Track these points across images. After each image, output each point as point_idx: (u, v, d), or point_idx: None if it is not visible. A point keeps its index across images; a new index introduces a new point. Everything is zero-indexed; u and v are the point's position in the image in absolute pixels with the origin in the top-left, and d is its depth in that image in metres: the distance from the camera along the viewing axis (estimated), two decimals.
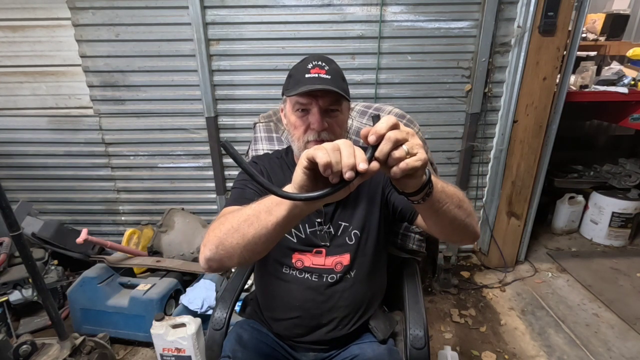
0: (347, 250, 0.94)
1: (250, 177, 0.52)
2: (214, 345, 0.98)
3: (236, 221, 0.65)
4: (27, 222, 1.97)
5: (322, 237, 0.94)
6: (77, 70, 2.08)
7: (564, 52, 1.99)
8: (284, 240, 0.95)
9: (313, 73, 0.83)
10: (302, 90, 0.81)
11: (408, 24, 2.00)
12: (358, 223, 0.94)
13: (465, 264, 2.52)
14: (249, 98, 2.13)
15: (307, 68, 0.84)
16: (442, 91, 2.13)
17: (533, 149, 2.16)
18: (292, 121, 0.88)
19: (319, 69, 0.84)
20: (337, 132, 0.87)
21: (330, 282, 0.93)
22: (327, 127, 0.84)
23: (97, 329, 1.67)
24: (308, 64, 0.85)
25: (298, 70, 0.86)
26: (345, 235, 0.95)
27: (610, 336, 1.85)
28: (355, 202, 0.95)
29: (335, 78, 0.84)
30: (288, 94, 0.86)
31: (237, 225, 0.65)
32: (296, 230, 0.95)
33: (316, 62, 0.85)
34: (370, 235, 0.95)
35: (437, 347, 1.73)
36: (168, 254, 2.06)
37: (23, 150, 2.25)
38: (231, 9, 1.97)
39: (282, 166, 1.00)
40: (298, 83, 0.83)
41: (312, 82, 0.81)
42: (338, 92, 0.82)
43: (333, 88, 0.81)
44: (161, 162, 2.28)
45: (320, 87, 0.80)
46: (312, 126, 0.85)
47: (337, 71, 0.87)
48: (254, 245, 0.64)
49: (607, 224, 2.64)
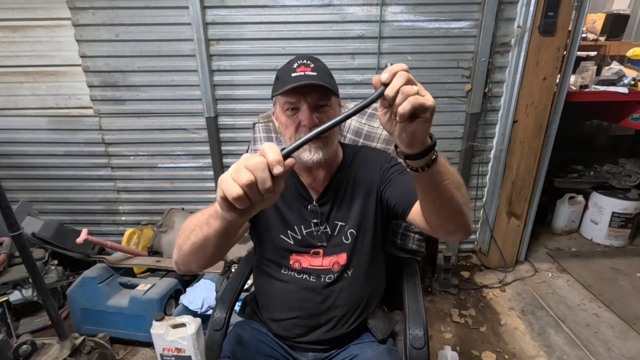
0: (343, 249, 0.94)
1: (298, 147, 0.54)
2: (213, 345, 0.98)
3: (188, 230, 0.70)
4: (27, 222, 1.97)
5: (319, 237, 0.94)
6: (77, 70, 2.08)
7: (564, 52, 1.99)
8: (280, 242, 0.95)
9: (299, 72, 0.83)
10: (289, 87, 0.80)
11: (408, 24, 2.00)
12: (354, 222, 0.94)
13: (465, 264, 2.52)
14: (249, 98, 2.14)
15: (292, 68, 0.84)
16: (442, 91, 2.13)
17: (533, 149, 2.16)
18: (282, 121, 0.88)
19: (305, 67, 0.84)
20: None
21: (328, 282, 0.93)
22: (317, 123, 0.84)
23: (97, 329, 1.67)
24: (294, 63, 0.85)
25: (284, 71, 0.86)
26: (342, 234, 0.95)
27: (610, 336, 1.85)
28: (351, 201, 0.95)
29: (322, 74, 0.84)
30: (276, 94, 0.86)
31: (188, 234, 0.69)
32: (292, 231, 0.94)
33: (301, 61, 0.85)
34: (367, 233, 0.95)
35: (437, 347, 1.73)
36: (168, 254, 2.06)
37: (23, 150, 2.25)
38: (231, 9, 1.97)
39: None
40: (285, 83, 0.83)
41: (299, 80, 0.81)
42: (325, 85, 0.82)
43: (320, 82, 0.81)
44: (161, 162, 2.28)
45: (307, 82, 0.80)
46: (303, 123, 0.84)
47: (323, 68, 0.87)
48: (204, 251, 0.69)
49: (607, 224, 2.63)
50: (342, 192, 0.96)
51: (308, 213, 0.94)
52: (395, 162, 0.97)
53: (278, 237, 0.95)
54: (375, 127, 1.20)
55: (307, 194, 0.95)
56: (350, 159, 0.99)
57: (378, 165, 0.97)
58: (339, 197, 0.95)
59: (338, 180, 0.96)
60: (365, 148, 1.05)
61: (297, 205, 0.95)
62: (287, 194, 0.95)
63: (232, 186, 0.47)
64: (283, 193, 0.92)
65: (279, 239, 0.95)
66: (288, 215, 0.95)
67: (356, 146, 1.07)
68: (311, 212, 0.94)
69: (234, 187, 0.46)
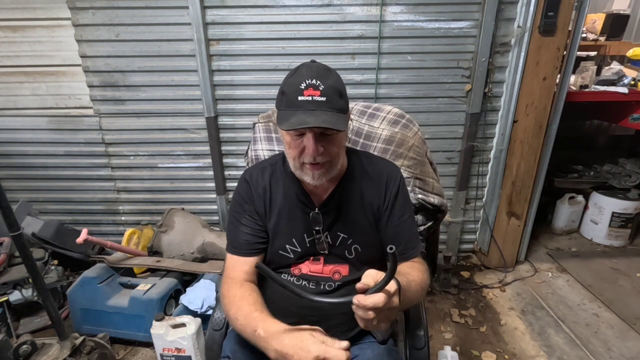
0: (346, 262, 0.94)
1: (284, 287, 0.76)
2: (213, 345, 0.98)
3: (235, 320, 0.84)
4: (27, 222, 1.97)
5: (320, 245, 0.93)
6: (77, 70, 2.08)
7: (564, 52, 1.99)
8: (280, 257, 0.95)
9: (306, 95, 0.77)
10: (293, 127, 0.76)
11: (408, 24, 2.00)
12: (359, 238, 0.93)
13: (465, 264, 2.52)
14: (249, 98, 2.14)
15: (299, 88, 0.78)
16: (442, 91, 2.13)
17: (533, 149, 2.16)
18: (286, 140, 0.84)
19: (313, 90, 0.77)
20: (334, 152, 0.83)
21: (327, 290, 0.93)
22: (322, 152, 0.80)
23: (97, 329, 1.67)
24: (301, 82, 0.78)
25: (291, 88, 0.79)
26: (344, 247, 0.94)
27: (610, 336, 1.85)
28: (355, 216, 0.94)
29: (331, 98, 0.78)
30: (279, 123, 0.80)
31: (237, 324, 0.84)
32: (292, 245, 0.94)
33: (310, 80, 0.78)
34: (370, 250, 0.95)
35: (437, 347, 1.73)
36: (168, 254, 2.06)
37: (23, 150, 2.25)
38: (231, 9, 1.97)
39: (277, 179, 0.96)
40: (290, 105, 0.78)
41: (305, 107, 0.77)
42: (331, 128, 0.77)
43: (326, 125, 0.76)
44: (161, 162, 2.28)
45: (313, 125, 0.75)
46: (307, 151, 0.80)
47: (334, 87, 0.80)
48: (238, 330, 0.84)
49: (607, 224, 2.64)
50: (346, 204, 0.94)
51: (310, 220, 0.92)
52: (398, 187, 0.95)
53: (277, 253, 0.95)
54: (375, 127, 1.20)
55: (309, 201, 0.93)
56: (354, 167, 0.96)
57: (383, 185, 0.94)
58: (342, 208, 0.93)
59: (342, 191, 0.94)
60: (368, 156, 1.02)
61: (298, 213, 0.94)
62: (287, 203, 0.93)
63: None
64: (283, 202, 0.93)
65: (279, 255, 0.95)
66: (288, 227, 0.94)
67: (359, 151, 1.05)
68: (313, 219, 0.92)
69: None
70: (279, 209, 0.93)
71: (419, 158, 1.20)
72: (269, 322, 0.77)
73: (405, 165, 1.18)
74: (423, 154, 1.22)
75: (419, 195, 1.20)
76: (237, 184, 0.99)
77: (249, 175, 0.98)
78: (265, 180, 0.95)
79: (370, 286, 0.65)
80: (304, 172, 0.85)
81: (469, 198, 2.38)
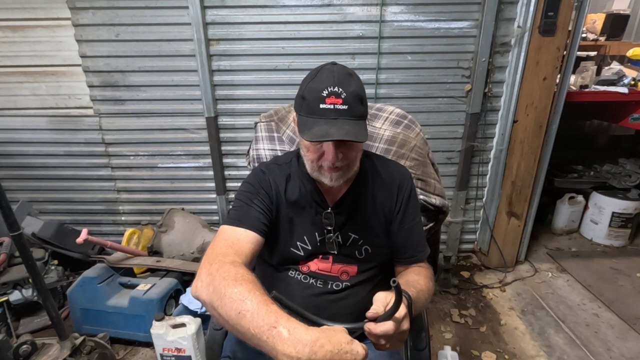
0: (355, 262, 0.94)
1: (301, 316, 0.72)
2: (214, 345, 0.98)
3: (234, 310, 0.63)
4: (27, 222, 1.97)
5: (330, 244, 0.93)
6: (77, 70, 2.08)
7: (564, 52, 1.99)
8: (290, 254, 0.94)
9: (328, 103, 0.76)
10: (316, 139, 0.76)
11: (408, 24, 2.00)
12: (370, 239, 0.94)
13: (465, 264, 2.52)
14: (249, 98, 2.13)
15: (321, 96, 0.77)
16: (442, 91, 2.13)
17: (533, 149, 2.16)
18: (305, 144, 0.84)
19: (335, 98, 0.76)
20: (352, 157, 0.84)
21: (334, 290, 0.93)
22: (342, 158, 0.81)
23: (97, 329, 1.67)
24: (323, 89, 0.77)
25: (312, 95, 0.78)
26: (355, 248, 0.94)
27: (610, 336, 1.85)
28: (368, 218, 0.94)
29: (353, 106, 0.78)
30: (301, 131, 0.80)
31: (234, 317, 0.63)
32: (302, 242, 0.93)
33: (332, 87, 0.76)
34: (380, 251, 0.95)
35: (437, 347, 1.73)
36: (168, 254, 2.06)
37: (23, 150, 2.25)
38: (231, 9, 1.97)
39: (293, 177, 0.95)
40: (311, 112, 0.78)
41: (327, 116, 0.76)
42: (352, 140, 0.76)
43: (348, 138, 0.75)
44: (161, 162, 2.28)
45: (336, 138, 0.75)
46: (327, 157, 0.81)
47: (355, 94, 0.78)
48: (228, 325, 0.66)
49: (607, 224, 2.64)
50: (358, 205, 0.94)
51: (322, 219, 0.93)
52: (410, 191, 0.96)
53: (287, 250, 0.94)
54: (377, 128, 1.20)
55: (322, 200, 0.93)
56: (367, 169, 0.97)
57: (395, 188, 0.95)
58: (355, 209, 0.94)
59: (356, 192, 0.94)
60: (378, 158, 1.02)
61: (310, 212, 0.94)
62: (300, 200, 0.93)
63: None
64: (296, 199, 0.93)
65: (288, 252, 0.94)
66: (299, 225, 0.94)
67: (372, 153, 1.05)
68: (326, 218, 0.92)
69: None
70: (293, 206, 0.93)
71: (421, 159, 1.20)
72: (294, 322, 0.60)
73: (407, 166, 1.18)
74: (425, 155, 1.22)
75: (421, 197, 1.20)
76: (251, 173, 0.97)
77: (265, 167, 0.97)
78: (282, 176, 0.95)
79: (380, 314, 0.68)
80: (322, 174, 0.85)
81: (469, 198, 2.39)
